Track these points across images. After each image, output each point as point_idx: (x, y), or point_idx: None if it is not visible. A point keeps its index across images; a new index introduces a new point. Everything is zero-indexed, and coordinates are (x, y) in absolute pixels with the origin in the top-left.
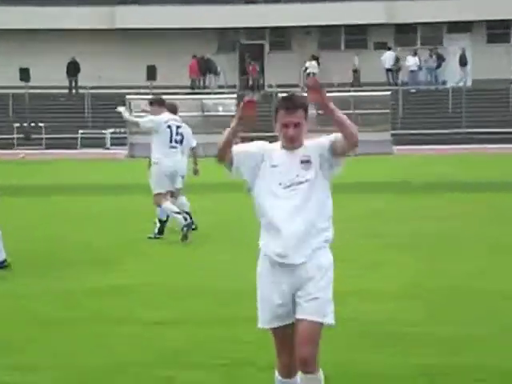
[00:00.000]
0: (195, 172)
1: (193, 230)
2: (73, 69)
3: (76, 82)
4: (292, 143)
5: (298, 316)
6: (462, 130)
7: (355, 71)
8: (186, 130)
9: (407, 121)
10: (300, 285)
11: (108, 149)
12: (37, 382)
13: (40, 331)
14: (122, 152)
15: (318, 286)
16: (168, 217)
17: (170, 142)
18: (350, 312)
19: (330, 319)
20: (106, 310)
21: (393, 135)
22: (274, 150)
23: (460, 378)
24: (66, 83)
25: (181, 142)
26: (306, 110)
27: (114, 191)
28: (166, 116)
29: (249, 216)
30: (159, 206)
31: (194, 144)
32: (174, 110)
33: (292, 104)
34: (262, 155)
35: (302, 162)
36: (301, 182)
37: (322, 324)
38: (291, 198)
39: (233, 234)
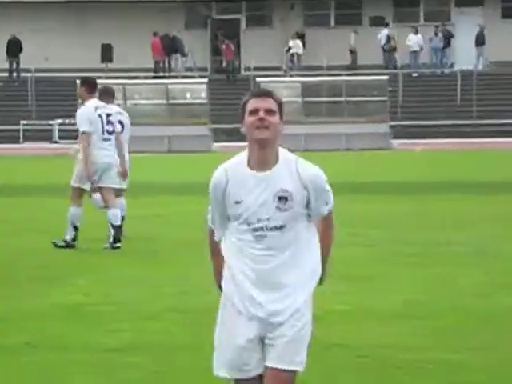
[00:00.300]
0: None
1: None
2: (14, 48)
3: (18, 64)
4: (262, 131)
5: (269, 363)
6: (472, 121)
7: (352, 52)
8: (125, 119)
9: (408, 110)
10: (272, 327)
11: (56, 142)
12: None
13: None
14: (71, 146)
15: (295, 327)
16: (123, 219)
17: (102, 133)
18: (341, 336)
19: (301, 367)
20: (54, 334)
21: (391, 127)
22: (237, 172)
23: None
24: (6, 65)
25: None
26: (280, 106)
27: (63, 193)
28: (95, 103)
29: None
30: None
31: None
32: (110, 96)
33: (263, 92)
34: (222, 194)
35: (281, 198)
36: (273, 228)
37: (295, 372)
38: (264, 254)
39: (202, 246)
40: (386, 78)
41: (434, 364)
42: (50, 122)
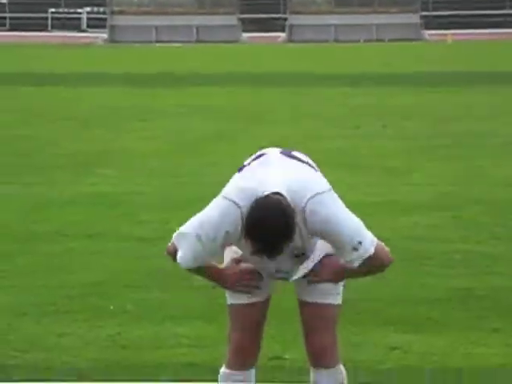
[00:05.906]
0: None
1: None
2: None
3: None
4: None
5: (300, 297)
6: (505, 11)
7: None
8: None
9: (439, 0)
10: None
11: (84, 31)
12: (12, 303)
13: (9, 247)
14: (100, 35)
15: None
16: None
17: None
18: (373, 227)
19: (338, 298)
20: (81, 222)
21: (423, 17)
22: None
23: (496, 301)
24: None
25: None
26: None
27: (90, 82)
28: None
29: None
30: None
31: None
32: None
33: (271, 254)
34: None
35: (297, 256)
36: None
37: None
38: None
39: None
40: None
41: (464, 254)
42: (79, 10)
